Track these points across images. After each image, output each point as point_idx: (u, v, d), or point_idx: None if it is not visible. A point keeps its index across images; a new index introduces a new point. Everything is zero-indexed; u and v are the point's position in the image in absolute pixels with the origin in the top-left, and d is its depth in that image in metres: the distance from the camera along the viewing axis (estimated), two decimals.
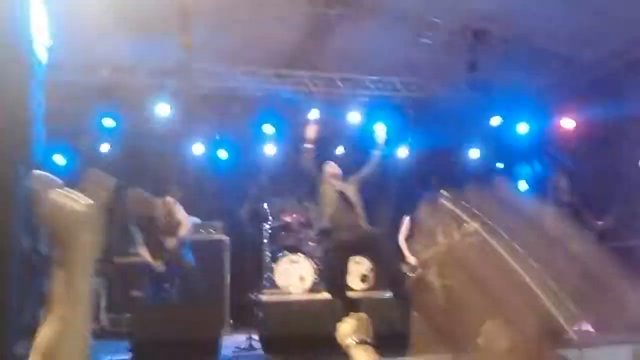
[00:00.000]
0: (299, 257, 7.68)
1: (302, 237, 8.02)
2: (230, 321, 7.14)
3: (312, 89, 7.83)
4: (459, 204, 1.41)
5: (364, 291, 7.66)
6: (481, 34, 7.11)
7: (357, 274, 7.73)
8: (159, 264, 5.76)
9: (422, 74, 8.04)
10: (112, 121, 7.60)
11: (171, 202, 5.90)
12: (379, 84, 8.11)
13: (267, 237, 7.98)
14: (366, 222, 5.71)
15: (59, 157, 7.85)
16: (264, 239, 7.92)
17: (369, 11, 6.49)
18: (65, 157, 8.04)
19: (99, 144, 7.94)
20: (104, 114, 7.49)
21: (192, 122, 8.07)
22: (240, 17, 6.17)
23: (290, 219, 8.22)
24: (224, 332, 6.24)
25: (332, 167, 5.89)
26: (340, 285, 5.69)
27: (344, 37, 6.87)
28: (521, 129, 8.92)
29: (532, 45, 7.52)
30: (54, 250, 1.03)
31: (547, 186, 6.68)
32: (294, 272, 7.56)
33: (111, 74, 7.15)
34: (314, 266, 7.58)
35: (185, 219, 6.08)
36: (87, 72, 7.08)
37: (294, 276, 7.52)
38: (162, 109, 7.43)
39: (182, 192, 6.08)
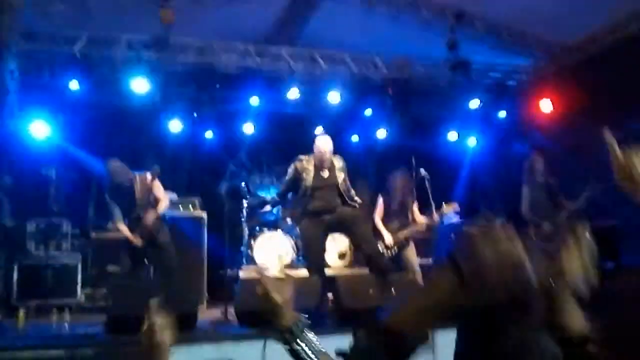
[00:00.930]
0: (277, 234, 7.70)
1: (280, 214, 8.02)
2: (207, 297, 7.16)
3: (292, 65, 7.78)
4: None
5: (342, 268, 7.72)
6: (461, 15, 7.13)
7: (335, 251, 7.78)
8: (137, 239, 5.72)
9: (402, 53, 8.04)
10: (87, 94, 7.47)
11: (149, 179, 5.84)
12: (359, 62, 8.08)
13: (246, 214, 7.97)
14: (346, 199, 5.73)
15: (37, 126, 7.69)
16: (242, 216, 7.92)
17: None
18: (42, 128, 7.88)
19: (76, 117, 7.80)
20: (80, 86, 7.36)
21: (170, 97, 7.98)
22: None
23: (269, 197, 8.20)
24: (201, 308, 6.27)
25: (325, 141, 5.82)
26: (318, 262, 5.73)
27: (325, 13, 6.82)
28: (499, 110, 9.01)
29: (511, 27, 7.57)
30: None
31: (523, 167, 6.77)
32: (272, 249, 7.58)
33: (88, 45, 7.03)
34: (292, 243, 7.62)
35: (164, 196, 6.02)
36: (64, 43, 6.95)
37: (272, 253, 7.54)
38: (140, 84, 7.32)
39: (160, 168, 6.02)
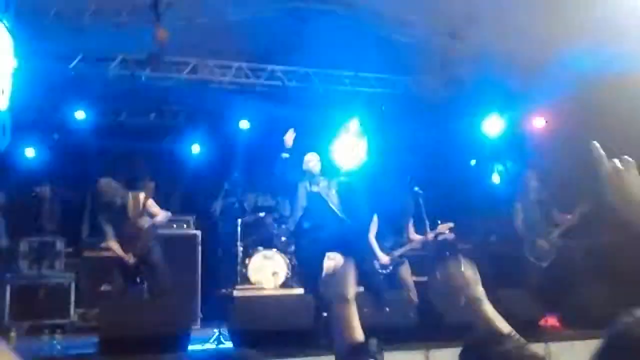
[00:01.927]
0: (273, 253, 7.66)
1: (275, 232, 7.99)
2: (201, 316, 7.10)
3: (287, 83, 7.80)
4: None
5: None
6: (455, 34, 7.18)
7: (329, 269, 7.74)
8: (129, 258, 5.68)
9: (396, 71, 8.08)
10: (82, 114, 7.48)
11: (142, 197, 5.81)
12: (354, 80, 8.12)
13: (240, 232, 7.94)
14: (341, 218, 5.73)
15: (29, 149, 7.70)
16: (237, 234, 7.89)
17: (344, 6, 6.49)
18: (35, 150, 7.89)
19: (70, 136, 7.80)
20: (75, 106, 7.36)
21: (165, 114, 7.99)
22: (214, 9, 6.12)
23: (263, 215, 8.19)
24: (195, 327, 6.21)
25: (313, 158, 5.87)
26: (316, 281, 5.70)
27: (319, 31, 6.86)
28: (494, 127, 9.04)
29: (505, 45, 7.62)
30: None
31: (518, 185, 6.79)
32: (267, 267, 7.54)
33: (82, 65, 7.04)
34: (287, 262, 7.58)
35: (160, 213, 5.96)
36: (59, 62, 6.95)
37: (267, 272, 7.50)
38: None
39: (154, 186, 6.00)
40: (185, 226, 7.67)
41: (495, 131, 9.07)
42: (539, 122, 8.44)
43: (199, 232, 7.50)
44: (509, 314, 1.81)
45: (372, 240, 6.49)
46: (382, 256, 6.31)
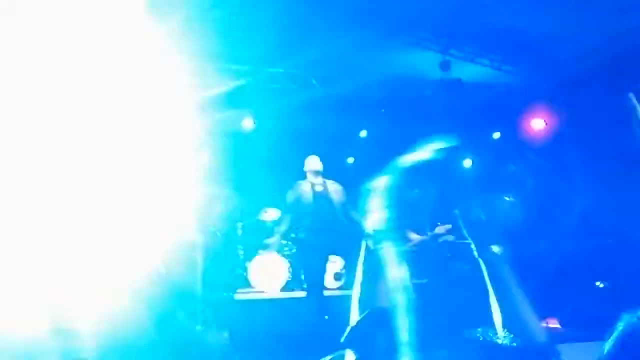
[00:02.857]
0: (274, 256, 7.65)
1: (276, 235, 7.97)
2: (202, 320, 7.09)
3: (289, 86, 7.82)
4: None
5: (338, 289, 7.68)
6: (453, 34, 7.19)
7: (331, 272, 7.75)
8: None
9: (394, 74, 8.08)
10: None
11: None
12: (353, 83, 8.11)
13: (241, 235, 7.94)
14: (343, 220, 5.73)
15: None
16: (237, 237, 7.88)
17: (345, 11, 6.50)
18: None
19: None
20: None
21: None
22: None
23: (264, 217, 8.19)
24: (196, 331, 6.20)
25: (314, 161, 5.87)
26: (318, 284, 5.71)
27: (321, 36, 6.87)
28: (492, 129, 9.04)
29: (503, 44, 7.63)
30: None
31: (515, 186, 6.79)
32: (268, 270, 7.53)
33: None
34: (288, 265, 7.57)
35: None
36: None
37: (268, 275, 7.49)
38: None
39: None
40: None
41: (493, 133, 9.06)
42: (538, 123, 8.44)
43: (199, 235, 7.48)
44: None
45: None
46: None
